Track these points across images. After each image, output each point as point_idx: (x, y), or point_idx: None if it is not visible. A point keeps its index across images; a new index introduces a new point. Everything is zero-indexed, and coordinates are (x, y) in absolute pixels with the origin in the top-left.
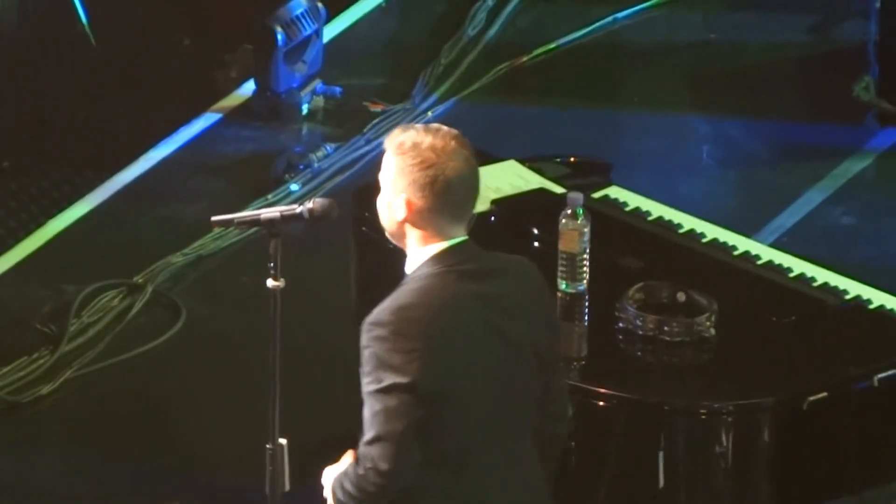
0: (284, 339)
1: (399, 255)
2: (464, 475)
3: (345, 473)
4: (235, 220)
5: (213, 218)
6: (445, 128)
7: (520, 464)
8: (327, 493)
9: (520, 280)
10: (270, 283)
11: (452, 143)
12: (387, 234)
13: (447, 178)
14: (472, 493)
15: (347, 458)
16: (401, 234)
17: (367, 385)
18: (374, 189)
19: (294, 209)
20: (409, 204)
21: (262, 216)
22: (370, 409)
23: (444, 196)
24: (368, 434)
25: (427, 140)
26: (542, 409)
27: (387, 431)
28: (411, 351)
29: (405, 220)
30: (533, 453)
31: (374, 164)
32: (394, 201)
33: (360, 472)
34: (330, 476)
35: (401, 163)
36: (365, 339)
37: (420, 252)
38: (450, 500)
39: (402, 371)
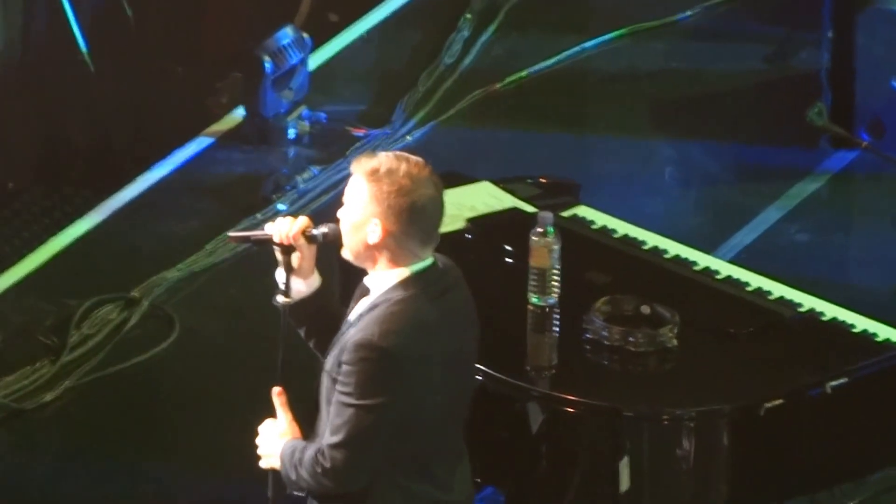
0: (273, 352)
1: None
2: (426, 475)
3: (300, 461)
4: (252, 238)
5: (230, 234)
6: (413, 156)
7: (464, 456)
8: (268, 453)
9: (463, 286)
10: (281, 299)
11: (425, 171)
12: (347, 255)
13: (423, 205)
14: (431, 492)
15: (288, 425)
16: (368, 257)
17: (347, 397)
18: None
19: (311, 232)
20: (383, 228)
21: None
22: (343, 417)
23: (418, 222)
24: (335, 438)
25: (402, 167)
26: None
27: (356, 443)
28: (397, 373)
29: (377, 244)
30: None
31: None
32: (365, 225)
33: (319, 469)
34: (273, 440)
35: (375, 189)
36: (352, 357)
37: (389, 274)
38: (413, 499)
39: (386, 392)
